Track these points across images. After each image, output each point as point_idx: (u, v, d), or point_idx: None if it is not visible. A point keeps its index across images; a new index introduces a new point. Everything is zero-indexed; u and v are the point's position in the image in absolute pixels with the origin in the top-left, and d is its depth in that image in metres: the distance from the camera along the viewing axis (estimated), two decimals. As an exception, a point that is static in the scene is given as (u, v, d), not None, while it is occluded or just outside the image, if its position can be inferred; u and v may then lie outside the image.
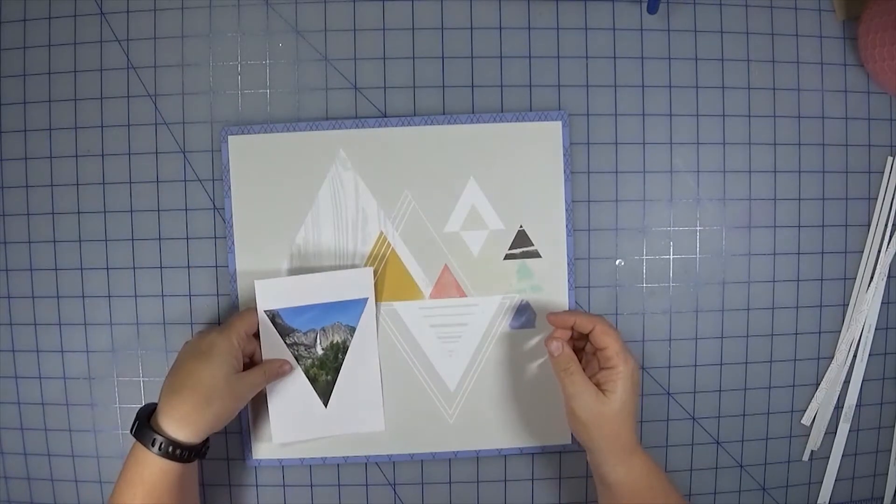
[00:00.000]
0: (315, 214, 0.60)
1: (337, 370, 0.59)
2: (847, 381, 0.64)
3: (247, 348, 0.56)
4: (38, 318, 0.62)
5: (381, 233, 0.61)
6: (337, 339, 0.58)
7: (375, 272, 0.59)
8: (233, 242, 0.60)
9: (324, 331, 0.58)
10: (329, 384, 0.59)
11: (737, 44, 0.62)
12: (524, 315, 0.61)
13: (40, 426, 0.63)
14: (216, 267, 0.61)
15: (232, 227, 0.60)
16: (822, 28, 0.63)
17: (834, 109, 0.63)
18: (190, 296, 0.62)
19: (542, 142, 0.60)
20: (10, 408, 0.63)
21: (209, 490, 0.62)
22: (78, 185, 0.62)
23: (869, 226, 0.64)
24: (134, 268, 0.62)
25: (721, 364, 0.63)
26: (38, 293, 0.62)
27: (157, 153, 0.61)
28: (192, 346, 0.54)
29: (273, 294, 0.58)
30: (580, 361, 0.55)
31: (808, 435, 0.64)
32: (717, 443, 0.63)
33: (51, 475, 0.63)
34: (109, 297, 0.62)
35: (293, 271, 0.60)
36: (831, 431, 0.64)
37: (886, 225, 0.63)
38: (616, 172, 0.62)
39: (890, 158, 0.63)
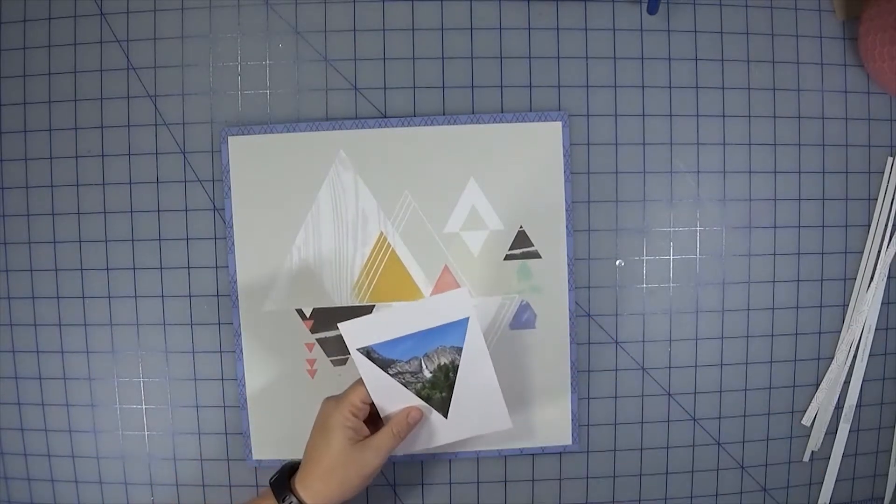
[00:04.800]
0: (315, 215, 0.60)
1: (451, 387, 0.55)
2: (847, 382, 0.64)
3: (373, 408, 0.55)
4: (38, 318, 0.62)
5: (381, 233, 0.61)
6: (444, 360, 0.54)
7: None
8: (233, 243, 0.60)
9: (427, 356, 0.54)
10: (445, 400, 0.55)
11: (737, 44, 0.62)
12: (524, 315, 0.61)
13: (40, 426, 0.63)
14: (216, 267, 0.61)
15: (232, 227, 0.60)
16: (822, 28, 0.63)
17: (834, 109, 0.63)
18: (190, 296, 0.62)
19: (542, 142, 0.60)
20: (10, 408, 0.63)
21: (209, 490, 0.62)
22: (78, 185, 0.62)
23: (869, 226, 0.64)
24: (134, 268, 0.62)
25: (721, 365, 0.63)
26: (38, 293, 0.62)
27: (157, 153, 0.61)
28: (318, 416, 0.54)
29: (361, 333, 0.53)
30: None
31: (809, 435, 0.64)
32: (718, 444, 0.63)
33: (51, 475, 0.63)
34: (109, 297, 0.62)
35: (294, 271, 0.60)
36: (831, 432, 0.64)
37: (886, 225, 0.63)
38: (616, 173, 0.62)
39: (890, 158, 0.63)
